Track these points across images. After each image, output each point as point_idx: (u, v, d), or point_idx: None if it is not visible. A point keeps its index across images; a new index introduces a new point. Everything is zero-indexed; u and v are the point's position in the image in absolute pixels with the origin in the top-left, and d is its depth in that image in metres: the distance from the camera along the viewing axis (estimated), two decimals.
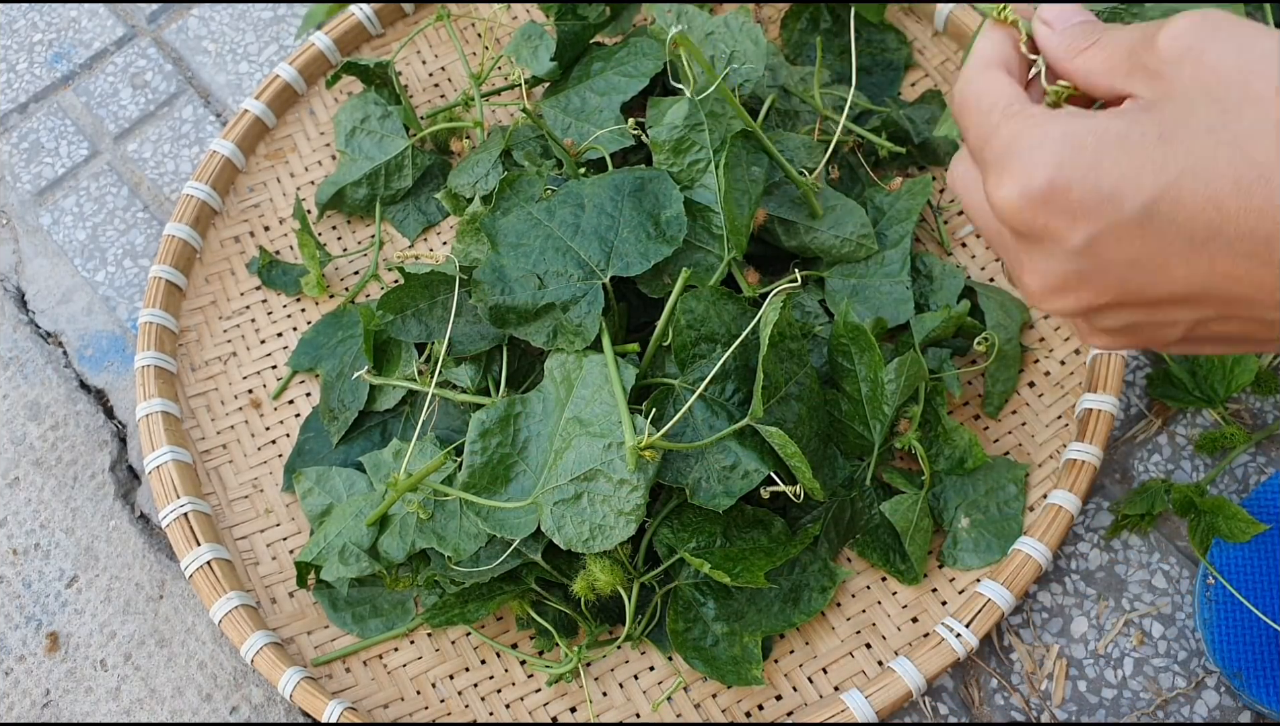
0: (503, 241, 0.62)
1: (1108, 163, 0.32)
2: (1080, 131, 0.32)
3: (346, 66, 0.75)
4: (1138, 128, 0.32)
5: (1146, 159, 0.31)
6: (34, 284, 0.78)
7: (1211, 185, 0.30)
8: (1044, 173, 0.32)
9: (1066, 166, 0.32)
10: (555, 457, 0.56)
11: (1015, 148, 0.34)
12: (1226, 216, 0.30)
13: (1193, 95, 0.31)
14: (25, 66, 0.87)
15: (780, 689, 0.60)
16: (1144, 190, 0.31)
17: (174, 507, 0.64)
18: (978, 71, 0.37)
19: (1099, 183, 0.32)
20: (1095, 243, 0.32)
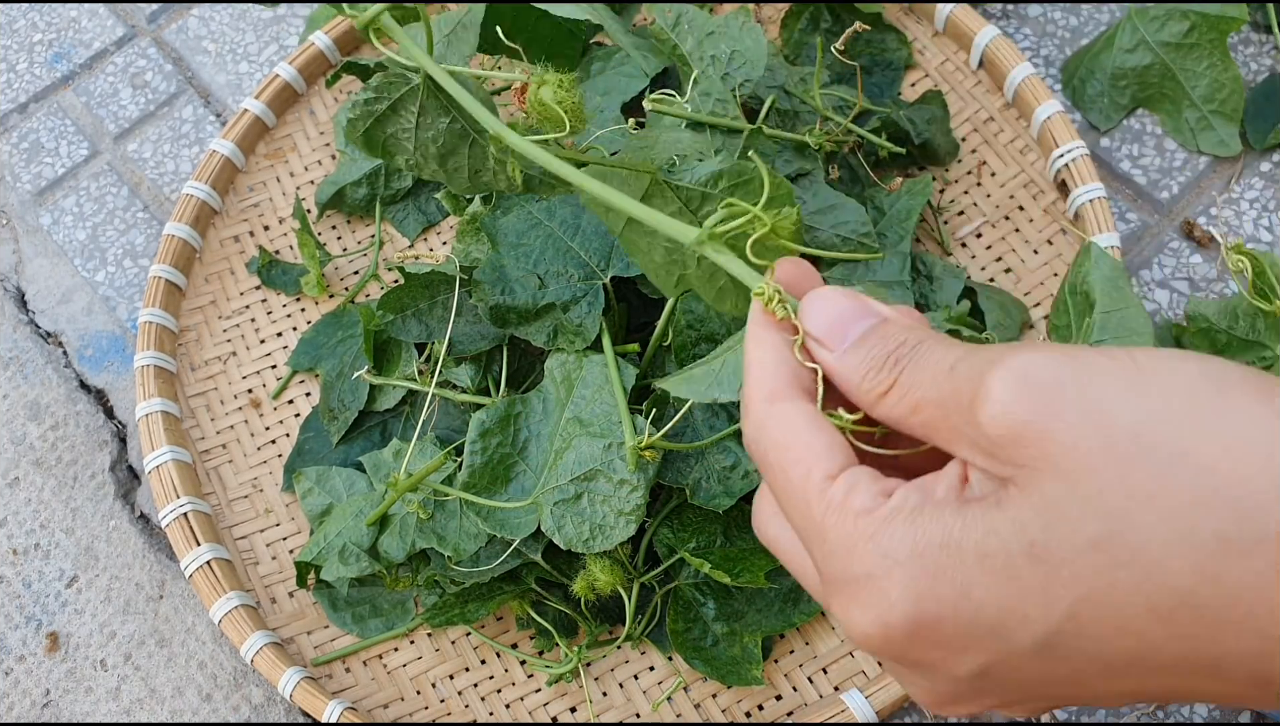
0: (503, 241, 0.62)
1: (978, 592, 0.25)
2: (930, 549, 0.26)
3: (347, 66, 0.75)
4: (997, 540, 0.25)
5: (1024, 587, 0.25)
6: (34, 284, 0.78)
7: (1121, 615, 0.24)
8: (903, 608, 0.26)
9: (928, 599, 0.26)
10: (555, 457, 0.56)
11: (855, 570, 0.27)
12: (1149, 644, 0.24)
13: (1053, 492, 0.25)
14: (25, 66, 0.87)
15: (780, 689, 0.60)
16: (1033, 624, 0.25)
17: (174, 507, 0.64)
18: (765, 408, 0.30)
19: (975, 617, 0.25)
20: (989, 670, 0.26)
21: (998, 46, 0.73)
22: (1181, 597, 0.24)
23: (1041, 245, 0.70)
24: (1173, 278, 0.72)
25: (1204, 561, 0.23)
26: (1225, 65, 0.72)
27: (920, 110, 0.72)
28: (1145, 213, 0.74)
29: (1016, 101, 0.73)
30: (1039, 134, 0.72)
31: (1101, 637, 0.25)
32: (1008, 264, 0.70)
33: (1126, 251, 0.73)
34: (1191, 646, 0.24)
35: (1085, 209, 0.68)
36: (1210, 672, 0.24)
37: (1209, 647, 0.24)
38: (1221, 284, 0.71)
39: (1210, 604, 0.24)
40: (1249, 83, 0.76)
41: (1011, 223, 0.71)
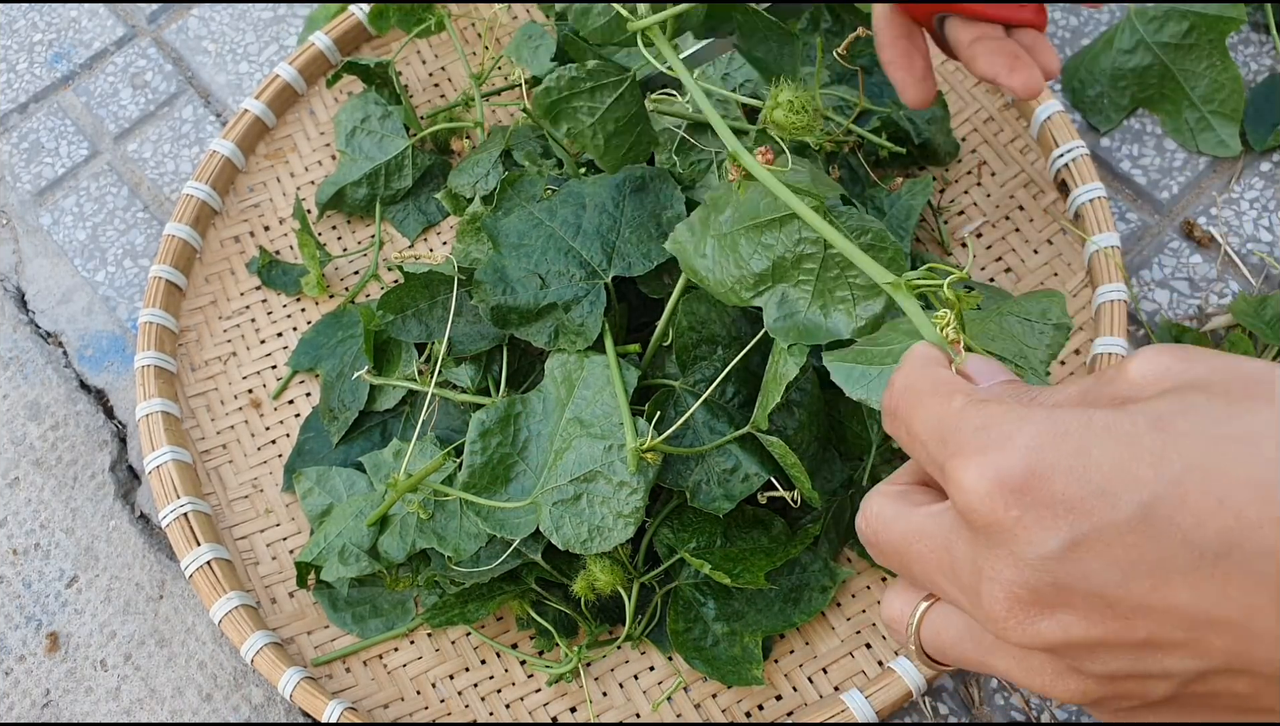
0: (504, 241, 0.62)
1: (1097, 452, 0.26)
2: (1064, 418, 0.27)
3: (347, 66, 0.75)
4: (1127, 418, 0.26)
5: (1143, 449, 0.26)
6: (34, 284, 0.78)
7: (1224, 487, 0.25)
8: (1022, 457, 0.27)
9: (1048, 451, 0.26)
10: (555, 458, 0.56)
11: (991, 426, 0.28)
12: (1246, 526, 0.24)
13: (1186, 393, 0.27)
14: (25, 66, 0.87)
15: (780, 689, 0.60)
16: (1142, 486, 0.25)
17: (174, 507, 0.64)
18: (924, 366, 0.32)
19: (1087, 474, 0.26)
20: (1078, 546, 0.26)
21: None
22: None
23: (1041, 245, 0.70)
24: (1173, 278, 0.72)
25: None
26: (1225, 65, 0.72)
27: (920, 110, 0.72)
28: (1145, 213, 0.74)
29: (1016, 101, 0.73)
30: (1039, 134, 0.72)
31: (1202, 511, 0.25)
32: (1008, 264, 0.70)
33: (1126, 251, 0.73)
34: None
35: (1085, 209, 0.68)
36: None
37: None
38: (1221, 284, 0.71)
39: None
40: (1249, 83, 0.76)
41: (1011, 223, 0.71)
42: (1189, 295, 0.71)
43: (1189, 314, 0.71)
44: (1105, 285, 0.66)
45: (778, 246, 0.49)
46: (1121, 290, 0.65)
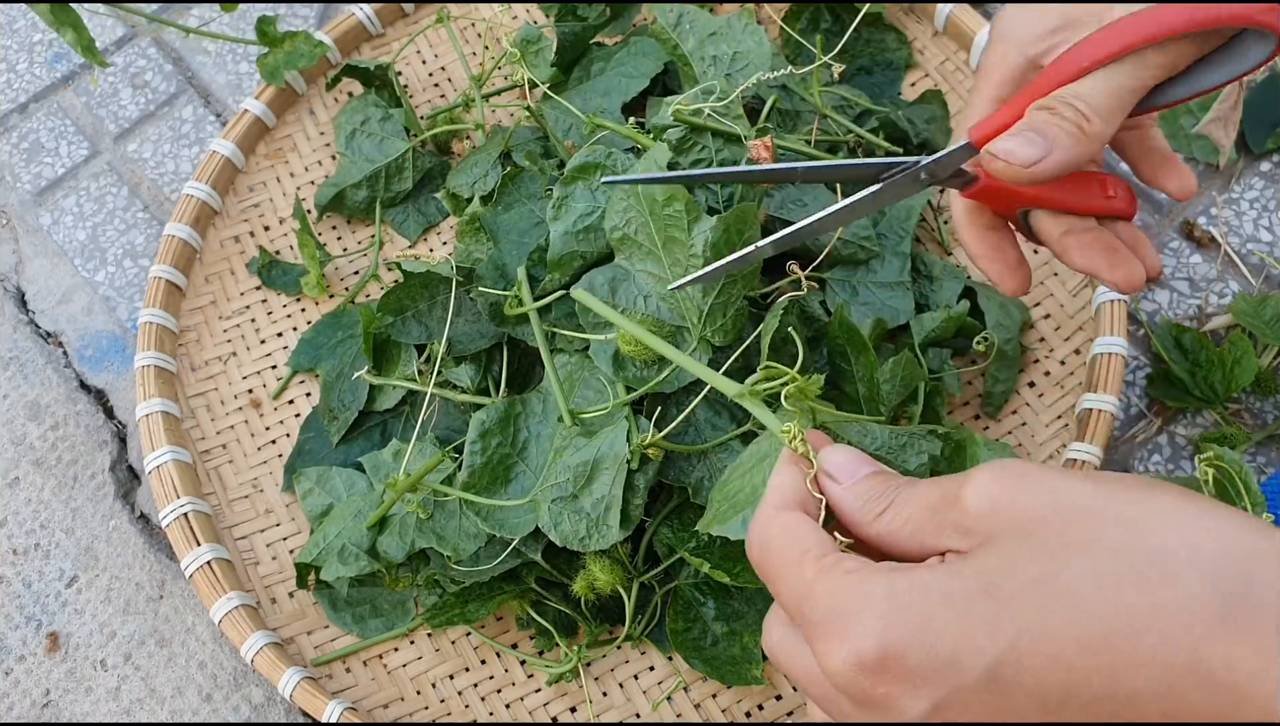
0: (504, 238, 0.62)
1: (938, 624, 0.29)
2: (904, 589, 0.30)
3: (346, 69, 0.75)
4: (960, 582, 0.30)
5: (978, 619, 0.29)
6: (34, 284, 0.78)
7: (1054, 644, 0.28)
8: (875, 639, 0.30)
9: (896, 629, 0.30)
10: (555, 456, 0.56)
11: (839, 609, 0.31)
12: (1076, 677, 0.28)
13: (1011, 545, 0.30)
14: (25, 66, 0.87)
15: (780, 689, 0.60)
16: (983, 653, 0.29)
17: (174, 507, 0.64)
18: (774, 514, 0.35)
19: (934, 647, 0.29)
20: (940, 708, 0.30)
21: None
22: (1103, 629, 0.28)
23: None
24: (1173, 278, 0.72)
25: (1122, 595, 0.28)
26: None
27: (920, 110, 0.73)
28: (1145, 212, 0.74)
29: None
30: None
31: (1038, 670, 0.28)
32: None
33: None
34: (1111, 681, 0.28)
35: None
36: (1130, 714, 0.28)
37: (1126, 680, 0.28)
38: (1221, 284, 0.71)
39: (1126, 635, 0.28)
40: (1248, 84, 0.76)
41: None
42: (1189, 295, 0.71)
43: (1189, 314, 0.71)
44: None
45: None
46: None
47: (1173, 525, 0.29)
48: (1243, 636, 0.27)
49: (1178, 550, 0.28)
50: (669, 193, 0.55)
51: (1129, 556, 0.28)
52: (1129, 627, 0.28)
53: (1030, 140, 0.43)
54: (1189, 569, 0.28)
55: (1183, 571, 0.28)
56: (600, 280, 0.58)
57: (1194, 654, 0.27)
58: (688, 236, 0.55)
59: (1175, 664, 0.27)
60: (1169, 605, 0.27)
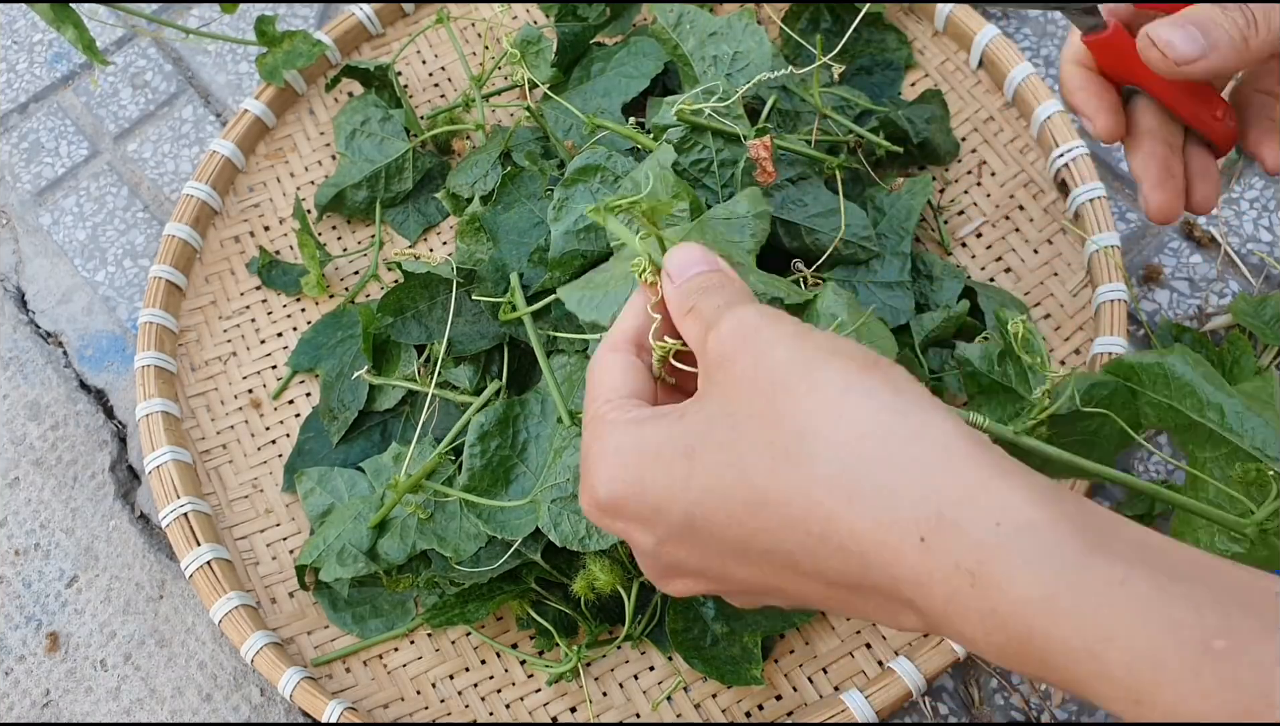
0: (505, 237, 0.62)
1: (649, 478, 0.34)
2: (630, 447, 0.35)
3: (346, 69, 0.75)
4: (670, 444, 0.34)
5: (676, 475, 0.34)
6: (34, 284, 0.78)
7: (728, 503, 0.33)
8: (606, 487, 0.35)
9: (619, 482, 0.35)
10: (554, 457, 0.56)
11: (590, 455, 0.37)
12: (748, 533, 0.32)
13: (714, 409, 0.34)
14: (25, 66, 0.87)
15: (780, 689, 0.60)
16: (678, 504, 0.34)
17: (174, 507, 0.64)
18: (604, 353, 0.39)
19: (645, 497, 0.34)
20: (662, 544, 0.35)
21: (997, 46, 0.73)
22: (761, 495, 0.32)
23: (1041, 245, 0.70)
24: (1173, 278, 0.72)
25: (777, 468, 0.32)
26: None
27: (920, 110, 0.73)
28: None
29: (1016, 101, 0.73)
30: (1039, 133, 0.72)
31: (718, 524, 0.33)
32: (1008, 263, 0.70)
33: (1126, 251, 0.73)
34: (773, 539, 0.32)
35: (1085, 208, 0.68)
36: (792, 567, 0.32)
37: (781, 540, 0.32)
38: (1221, 284, 0.71)
39: (777, 503, 0.32)
40: None
41: (1011, 222, 0.71)
42: (1189, 295, 0.71)
43: (1189, 314, 0.71)
44: (1105, 285, 0.66)
45: None
46: (1121, 290, 0.65)
47: (823, 404, 0.32)
48: (866, 515, 0.30)
49: (821, 428, 0.31)
50: (675, 192, 0.55)
51: (788, 434, 0.32)
52: (780, 497, 0.32)
53: (1192, 36, 0.42)
54: (826, 448, 0.31)
55: (821, 450, 0.31)
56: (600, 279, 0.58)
57: (826, 525, 0.31)
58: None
59: (813, 532, 0.31)
60: (807, 481, 0.31)
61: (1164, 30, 0.42)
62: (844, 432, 0.31)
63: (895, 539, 0.30)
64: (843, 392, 0.32)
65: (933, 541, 0.29)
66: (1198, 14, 0.42)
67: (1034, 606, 0.27)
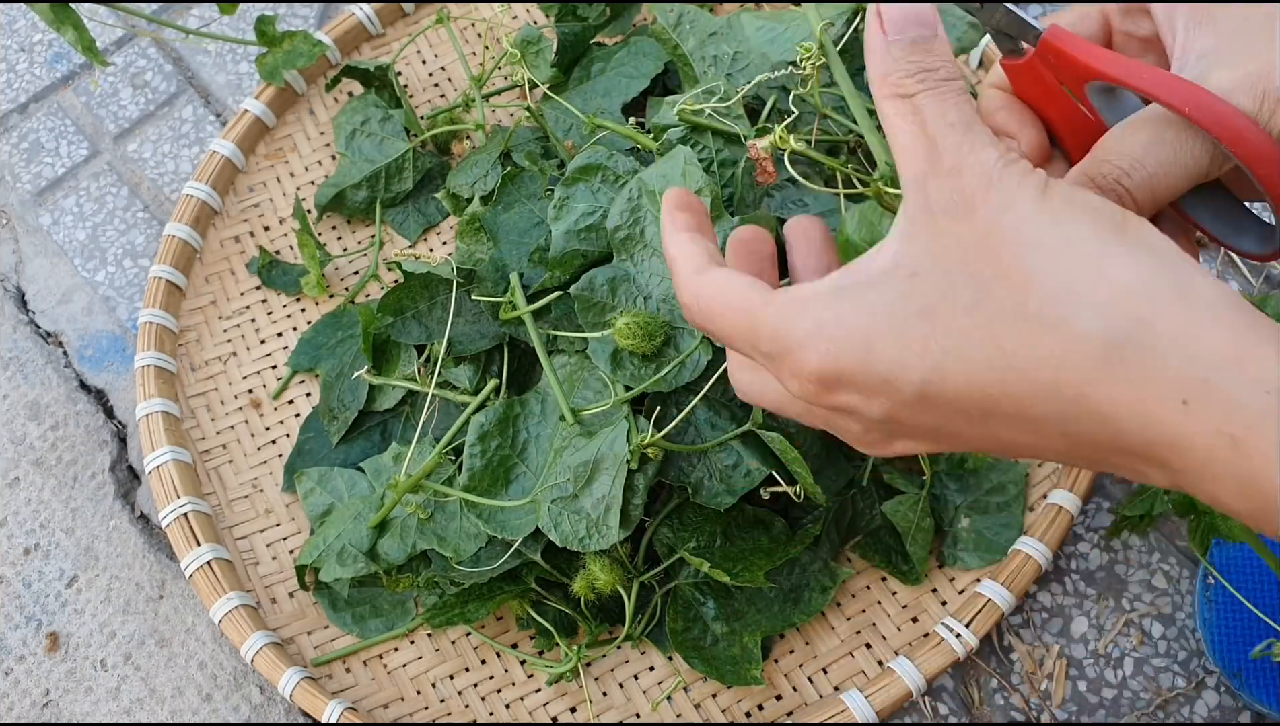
0: (505, 237, 0.62)
1: (879, 343, 0.32)
2: (849, 312, 0.33)
3: (346, 69, 0.75)
4: (903, 304, 0.32)
5: (911, 339, 0.32)
6: (34, 284, 0.78)
7: (970, 370, 0.31)
8: (828, 361, 0.33)
9: (844, 354, 0.32)
10: (554, 457, 0.56)
11: (793, 336, 0.33)
12: (991, 399, 0.31)
13: (952, 266, 0.32)
14: (25, 66, 0.87)
15: (780, 689, 0.60)
16: (912, 372, 0.32)
17: (174, 507, 0.64)
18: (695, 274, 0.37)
19: (874, 368, 0.32)
20: (891, 413, 0.33)
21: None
22: (1009, 359, 0.30)
23: None
24: None
25: (1027, 329, 0.30)
26: None
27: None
28: None
29: None
30: None
31: (958, 388, 0.31)
32: None
33: None
34: (1018, 405, 0.31)
35: None
36: (1034, 429, 0.31)
37: (1029, 406, 0.31)
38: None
39: (1027, 366, 0.30)
40: None
41: None
42: None
43: None
44: None
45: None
46: None
47: (1082, 265, 0.30)
48: (1125, 377, 0.29)
49: (1080, 289, 0.30)
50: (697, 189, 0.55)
51: (1040, 293, 0.30)
52: (1030, 360, 0.30)
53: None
54: (1086, 309, 0.30)
55: (1080, 312, 0.30)
56: (600, 279, 0.58)
57: (1080, 389, 0.30)
58: None
59: (1066, 396, 0.30)
60: (1064, 345, 0.30)
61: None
62: (1103, 292, 0.30)
63: (1156, 402, 0.29)
64: (1099, 251, 0.30)
65: (1196, 405, 0.28)
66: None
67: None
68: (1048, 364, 0.30)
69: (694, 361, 0.56)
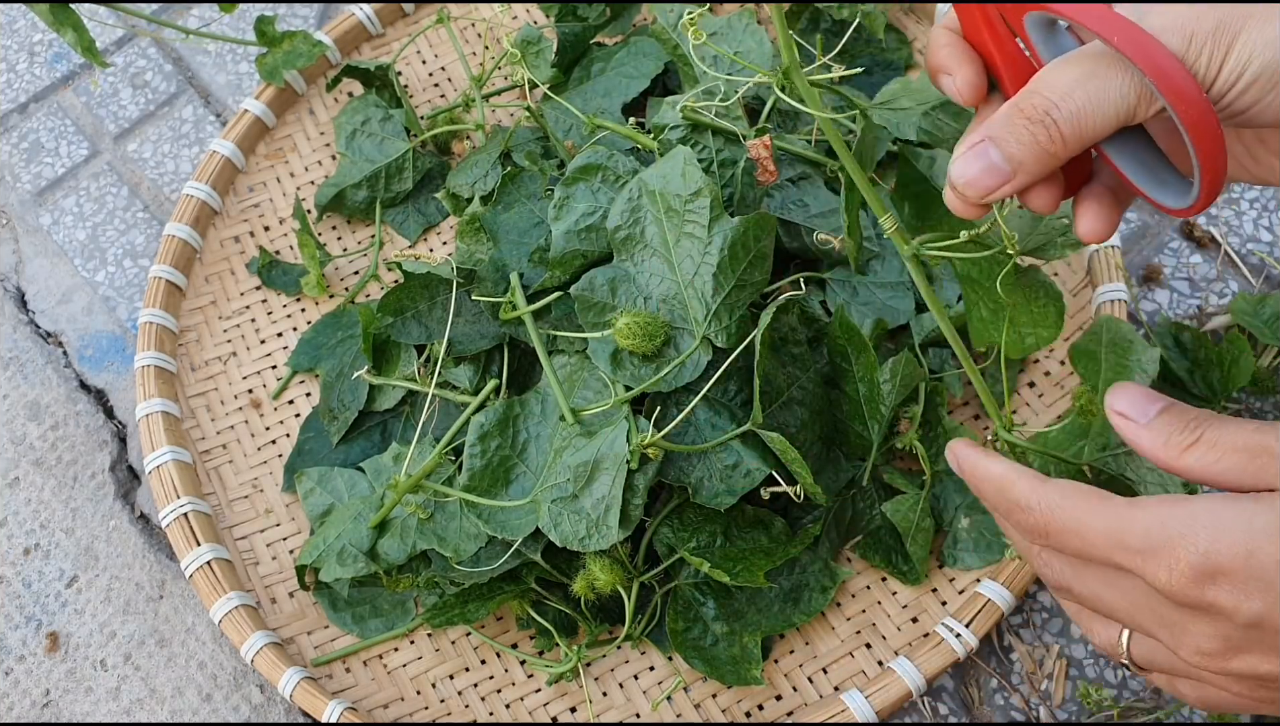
0: (505, 237, 0.62)
1: (1261, 552, 0.33)
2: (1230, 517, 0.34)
3: (346, 70, 0.75)
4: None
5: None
6: (34, 284, 0.78)
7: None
8: (1206, 553, 0.34)
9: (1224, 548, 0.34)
10: (555, 456, 0.56)
11: (1168, 532, 0.35)
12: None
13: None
14: (25, 66, 0.87)
15: (780, 689, 0.60)
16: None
17: (174, 507, 0.64)
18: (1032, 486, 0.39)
19: (1256, 570, 0.33)
20: (1264, 616, 0.34)
21: None
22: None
23: None
24: (1173, 277, 0.72)
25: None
26: None
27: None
28: (1145, 212, 0.74)
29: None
30: None
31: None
32: None
33: (1126, 251, 0.73)
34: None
35: None
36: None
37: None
38: (1221, 284, 0.71)
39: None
40: None
41: None
42: (1189, 295, 0.71)
43: (1189, 313, 0.71)
44: (1105, 285, 0.66)
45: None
46: (1121, 290, 0.65)
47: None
48: None
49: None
50: (696, 189, 0.55)
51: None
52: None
53: (990, 166, 0.39)
54: None
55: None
56: (600, 279, 0.58)
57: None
58: (707, 235, 0.55)
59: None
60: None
61: (959, 166, 0.39)
62: None
63: None
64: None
65: None
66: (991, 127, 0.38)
67: None
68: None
69: (694, 361, 0.56)
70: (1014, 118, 0.37)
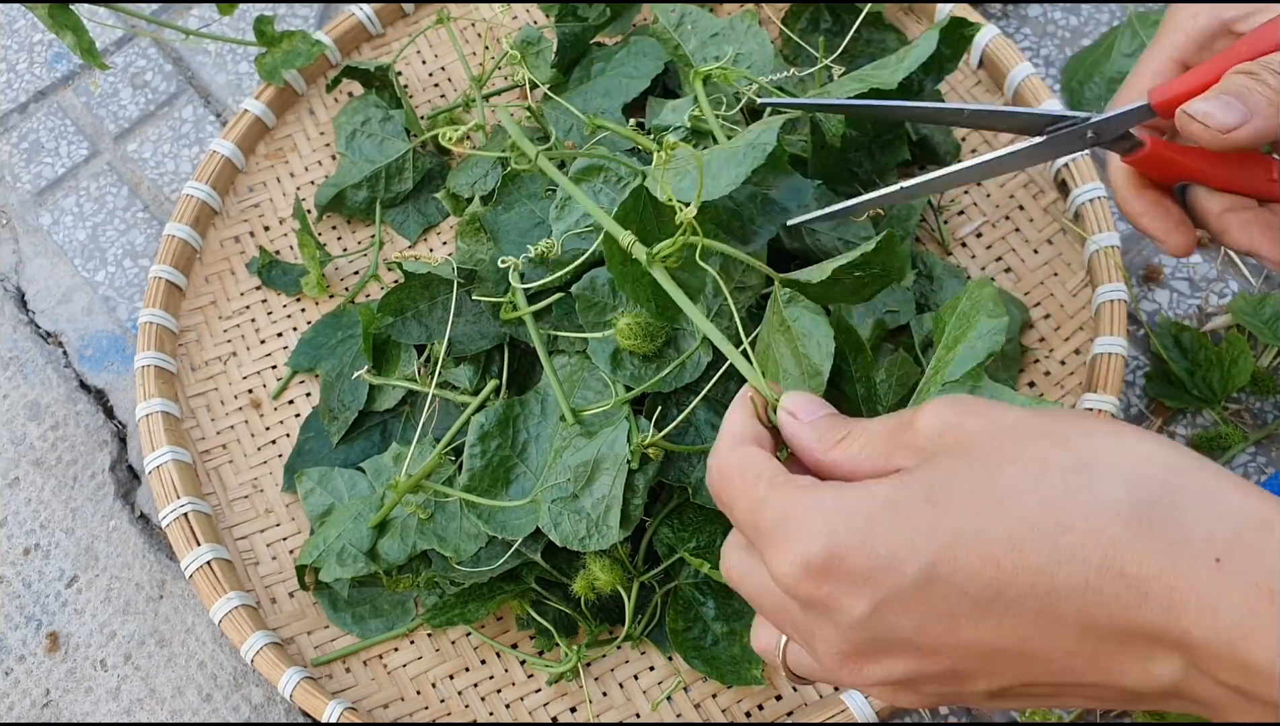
0: (505, 238, 0.62)
1: (881, 528, 0.32)
2: (851, 497, 0.33)
3: (346, 70, 0.75)
4: (905, 492, 0.32)
5: (918, 522, 0.31)
6: (34, 284, 0.78)
7: (985, 543, 0.30)
8: (820, 541, 0.32)
9: (841, 534, 0.32)
10: (555, 456, 0.56)
11: (789, 517, 0.33)
12: (1004, 574, 0.30)
13: (954, 461, 0.32)
14: (25, 66, 0.87)
15: (780, 689, 0.60)
16: (920, 553, 0.31)
17: (174, 507, 0.64)
18: (731, 447, 0.38)
19: (875, 549, 0.31)
20: (880, 608, 0.32)
21: (998, 46, 0.73)
22: (1028, 529, 0.30)
23: (1041, 245, 0.70)
24: (1173, 278, 0.72)
25: (1047, 498, 0.30)
26: None
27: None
28: None
29: (1016, 101, 0.73)
30: None
31: (970, 567, 0.30)
32: (1008, 264, 0.70)
33: (1126, 251, 0.73)
34: (1034, 578, 0.30)
35: (1085, 208, 0.68)
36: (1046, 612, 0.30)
37: (1047, 576, 0.30)
38: (1221, 284, 0.71)
39: (1048, 533, 0.30)
40: None
41: (1011, 222, 0.71)
42: (1189, 295, 0.71)
43: (1189, 314, 0.71)
44: (1105, 285, 0.66)
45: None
46: (1121, 290, 0.65)
47: (1099, 441, 0.31)
48: (1153, 537, 0.29)
49: (1100, 459, 0.31)
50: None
51: (1056, 464, 0.31)
52: (1052, 526, 0.30)
53: (1228, 105, 0.42)
54: (1110, 474, 0.30)
55: (1104, 477, 0.30)
56: (601, 279, 0.58)
57: (1108, 551, 0.29)
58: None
59: (1091, 560, 0.29)
60: (1088, 506, 0.30)
61: (1200, 105, 0.42)
62: (1128, 459, 0.30)
63: (1187, 561, 0.28)
64: (1117, 433, 0.31)
65: (1229, 562, 0.28)
66: (1229, 83, 0.42)
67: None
68: (1072, 528, 0.30)
69: (694, 362, 0.56)
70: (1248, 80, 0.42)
